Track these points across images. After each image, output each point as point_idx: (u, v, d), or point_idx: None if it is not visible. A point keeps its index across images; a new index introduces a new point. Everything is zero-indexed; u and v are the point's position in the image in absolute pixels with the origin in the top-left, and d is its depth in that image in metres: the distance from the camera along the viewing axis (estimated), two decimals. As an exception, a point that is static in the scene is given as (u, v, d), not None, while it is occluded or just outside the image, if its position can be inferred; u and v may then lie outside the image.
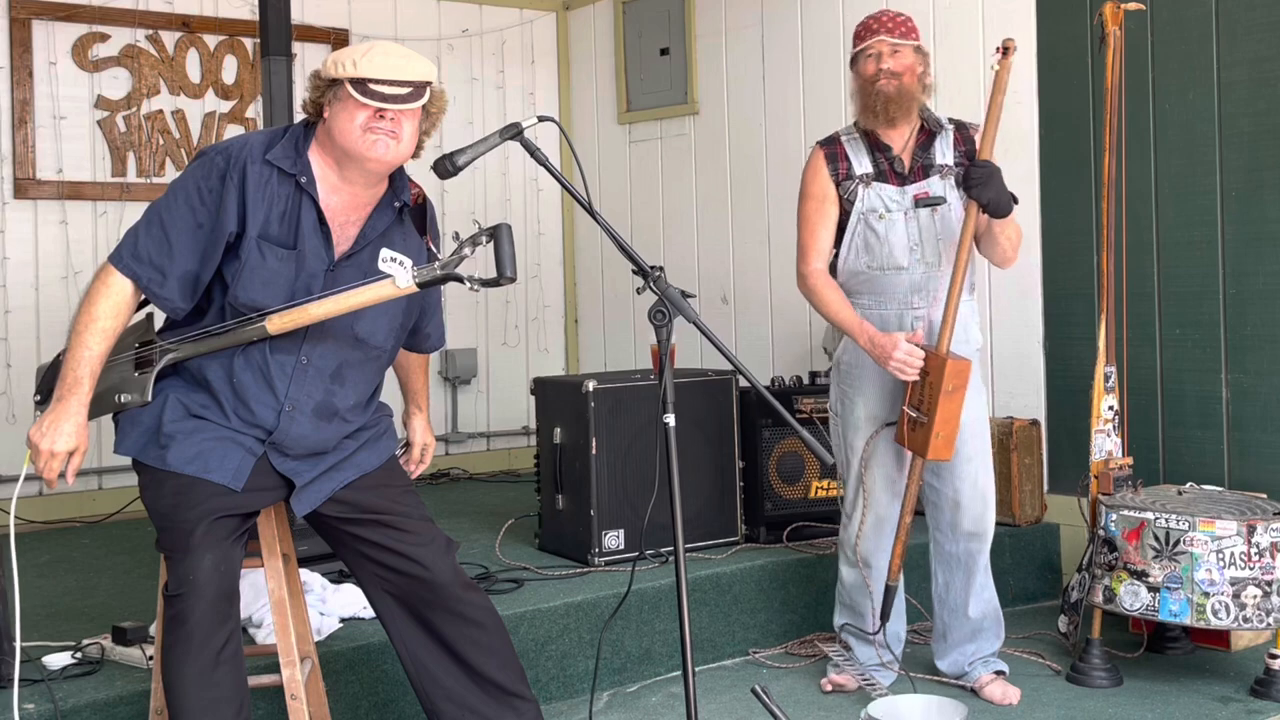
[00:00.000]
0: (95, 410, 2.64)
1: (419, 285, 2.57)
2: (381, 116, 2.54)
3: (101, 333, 2.53)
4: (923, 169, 3.46)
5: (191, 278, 2.57)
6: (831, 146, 3.53)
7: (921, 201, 3.42)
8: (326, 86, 2.60)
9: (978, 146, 3.39)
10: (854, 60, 3.48)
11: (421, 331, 2.93)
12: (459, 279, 2.56)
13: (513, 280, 2.54)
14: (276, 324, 2.56)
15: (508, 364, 6.56)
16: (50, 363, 2.73)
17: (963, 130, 3.50)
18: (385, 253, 2.64)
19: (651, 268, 2.49)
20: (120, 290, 2.56)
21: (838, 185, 3.48)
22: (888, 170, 3.47)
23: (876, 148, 3.48)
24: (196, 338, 2.59)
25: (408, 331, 2.84)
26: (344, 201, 2.65)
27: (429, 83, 2.60)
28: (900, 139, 3.48)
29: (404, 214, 2.72)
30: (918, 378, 3.32)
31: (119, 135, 5.49)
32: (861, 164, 3.47)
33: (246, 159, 2.58)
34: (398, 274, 2.56)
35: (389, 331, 2.74)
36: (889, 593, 3.51)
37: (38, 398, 2.69)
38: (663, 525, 2.93)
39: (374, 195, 2.68)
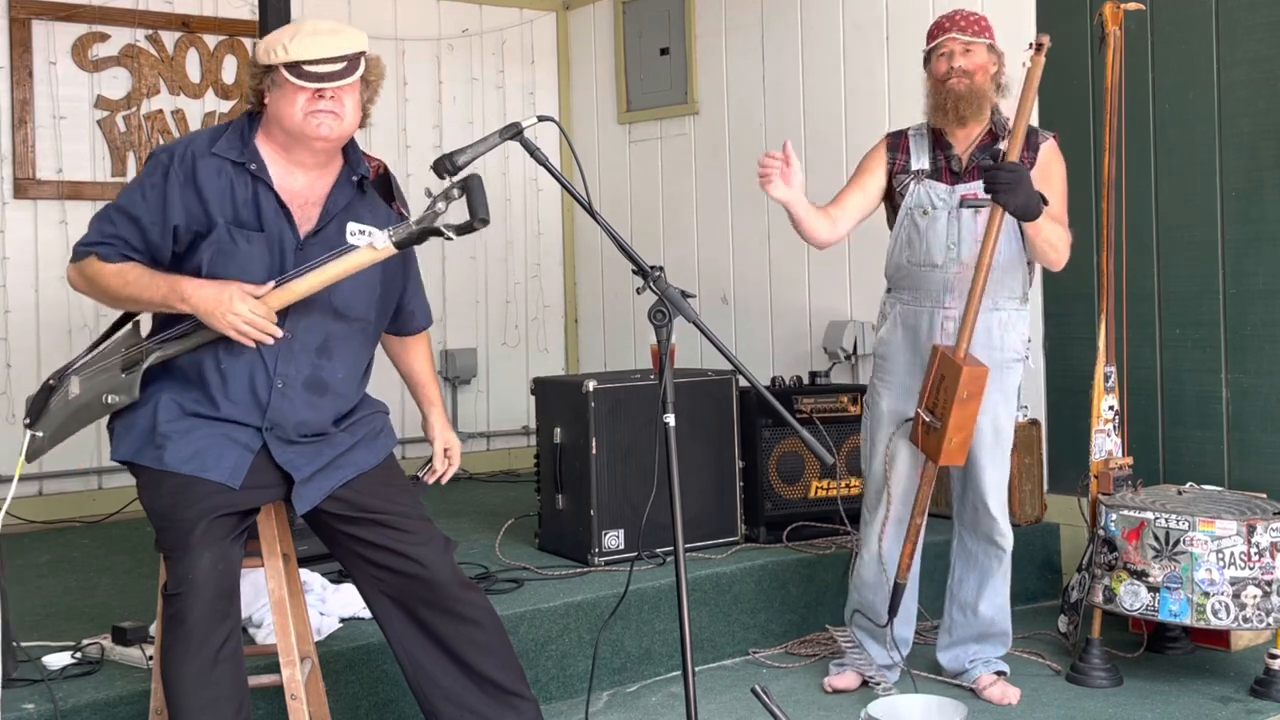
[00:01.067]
0: (85, 417, 2.64)
1: (396, 245, 2.58)
2: (321, 96, 2.56)
3: (133, 269, 2.60)
4: (979, 170, 3.38)
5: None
6: (897, 138, 3.55)
7: (967, 202, 3.39)
8: (263, 73, 2.62)
9: (1005, 147, 3.28)
10: (926, 59, 3.46)
11: (405, 310, 2.92)
12: (436, 232, 2.56)
13: (486, 223, 2.53)
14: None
15: (508, 364, 6.55)
16: (40, 389, 2.70)
17: (1031, 136, 3.40)
18: (352, 226, 2.65)
19: (651, 268, 2.49)
20: (97, 263, 2.62)
21: (892, 177, 3.49)
22: (943, 168, 3.45)
23: (939, 146, 3.47)
24: (184, 332, 2.60)
25: (392, 305, 2.84)
26: (300, 183, 2.68)
27: (362, 52, 2.62)
28: (965, 139, 3.44)
29: (364, 186, 2.75)
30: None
31: (119, 135, 5.49)
32: (920, 160, 3.47)
33: (194, 154, 2.62)
34: (374, 238, 2.58)
35: (369, 303, 2.75)
36: (897, 590, 3.51)
37: (27, 420, 2.68)
38: (662, 525, 2.92)
39: (330, 173, 2.71)
